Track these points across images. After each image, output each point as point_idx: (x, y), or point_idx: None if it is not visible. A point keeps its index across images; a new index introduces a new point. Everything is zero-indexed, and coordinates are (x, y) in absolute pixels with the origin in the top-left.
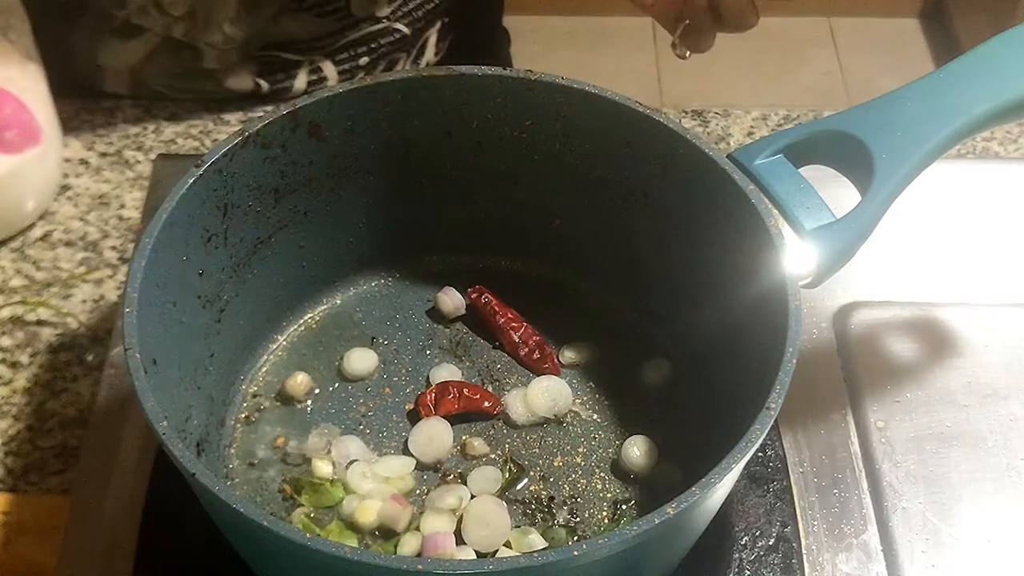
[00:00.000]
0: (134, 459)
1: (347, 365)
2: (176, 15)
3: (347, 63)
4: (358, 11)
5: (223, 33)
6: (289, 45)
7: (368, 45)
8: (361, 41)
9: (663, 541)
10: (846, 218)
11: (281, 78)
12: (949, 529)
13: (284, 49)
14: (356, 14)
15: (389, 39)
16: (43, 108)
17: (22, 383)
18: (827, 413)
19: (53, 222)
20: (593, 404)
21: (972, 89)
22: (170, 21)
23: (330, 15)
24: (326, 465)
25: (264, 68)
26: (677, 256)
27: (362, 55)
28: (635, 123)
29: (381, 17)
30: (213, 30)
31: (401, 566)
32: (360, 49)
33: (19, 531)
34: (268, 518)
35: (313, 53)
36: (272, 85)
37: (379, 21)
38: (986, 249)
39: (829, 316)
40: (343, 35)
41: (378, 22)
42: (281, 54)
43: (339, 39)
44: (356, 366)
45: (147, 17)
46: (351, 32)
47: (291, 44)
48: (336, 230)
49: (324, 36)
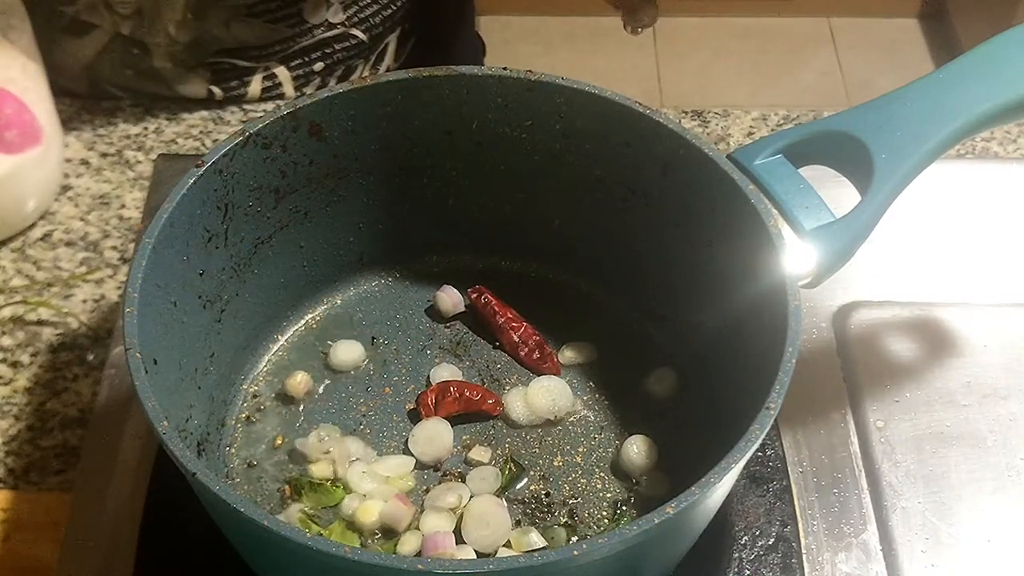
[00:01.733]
0: (134, 459)
1: (333, 357)
2: (124, 13)
3: (301, 68)
4: (310, 17)
5: (167, 35)
6: (241, 52)
7: (323, 51)
8: (315, 47)
9: (663, 541)
10: (846, 218)
11: (235, 85)
12: (949, 529)
13: (237, 56)
14: (309, 20)
15: (345, 44)
16: (44, 108)
17: (23, 383)
18: (827, 413)
19: (54, 222)
20: (593, 404)
21: (972, 89)
22: (118, 19)
23: (281, 21)
24: (325, 465)
25: (217, 75)
26: (676, 256)
27: (316, 61)
28: (635, 123)
29: (335, 23)
30: (158, 30)
31: (401, 566)
32: (314, 55)
33: (18, 528)
34: (268, 517)
35: (266, 59)
36: (226, 92)
37: (334, 27)
38: (986, 249)
39: (829, 316)
40: (296, 41)
41: (333, 28)
42: (234, 61)
43: (292, 45)
44: (343, 357)
45: (96, 14)
46: (304, 38)
47: (243, 51)
48: (336, 230)
49: (276, 42)
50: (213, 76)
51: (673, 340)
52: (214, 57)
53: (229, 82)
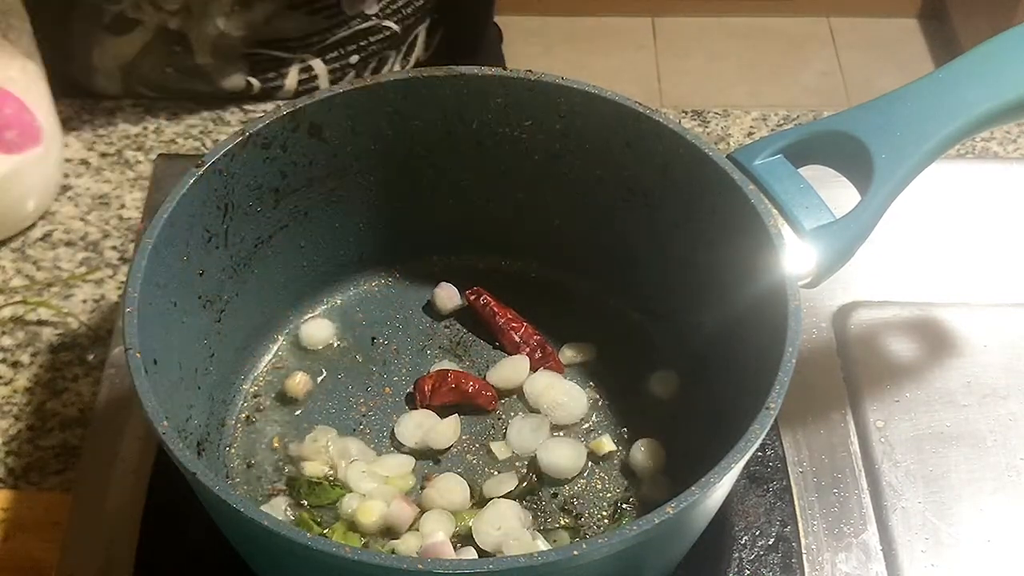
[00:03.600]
0: (134, 459)
1: (303, 336)
2: (171, 9)
3: (337, 61)
4: (348, 8)
5: (217, 28)
6: (279, 43)
7: (358, 43)
8: (351, 39)
9: (663, 541)
10: (846, 218)
11: (272, 76)
12: (949, 529)
13: (274, 47)
14: (346, 11)
15: (379, 37)
16: (44, 108)
17: (23, 383)
18: (827, 413)
19: (54, 222)
20: (592, 403)
21: (972, 89)
22: (165, 15)
23: (320, 12)
24: (319, 464)
25: (255, 66)
26: (676, 256)
27: (352, 53)
28: (635, 123)
29: (370, 15)
30: (207, 23)
31: (401, 566)
32: (350, 47)
33: (18, 527)
34: (268, 517)
35: (303, 51)
36: (263, 84)
37: (368, 19)
38: (986, 249)
39: (829, 316)
40: (333, 33)
41: (368, 19)
42: (272, 52)
43: (328, 37)
44: (314, 335)
45: (141, 11)
46: (341, 30)
47: (281, 42)
48: (336, 230)
49: (314, 34)
50: (251, 68)
51: (673, 340)
52: (252, 49)
53: (267, 73)
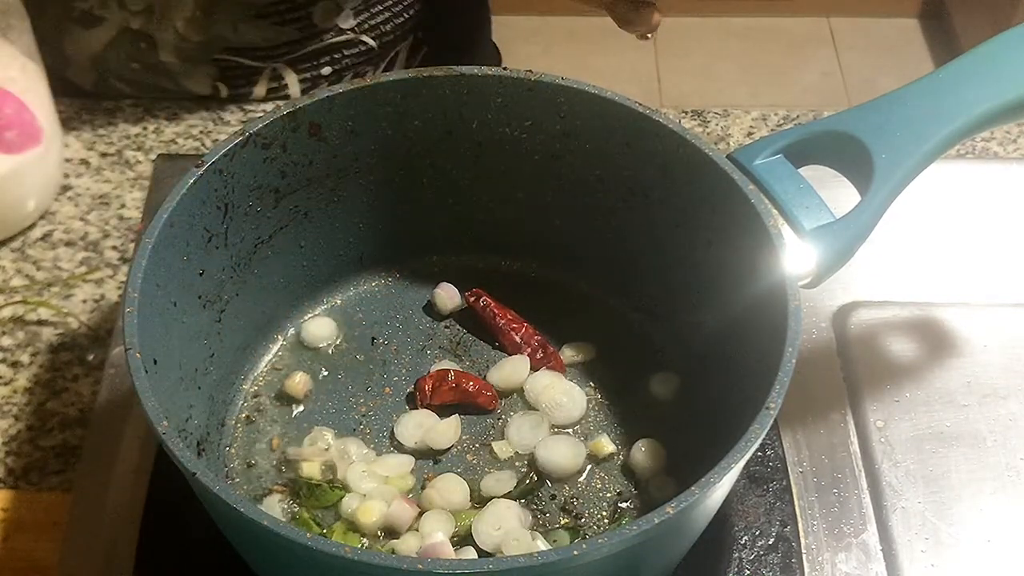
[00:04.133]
0: (134, 459)
1: (305, 334)
2: (134, 9)
3: (309, 72)
4: (320, 21)
5: (176, 32)
6: (248, 51)
7: (332, 56)
8: (324, 51)
9: (663, 541)
10: (846, 218)
11: (241, 83)
12: (949, 529)
13: (244, 55)
14: (318, 24)
15: (354, 51)
16: (44, 108)
17: (23, 383)
18: (827, 413)
19: (54, 222)
20: (592, 403)
21: (972, 89)
22: (128, 14)
23: (290, 23)
24: (315, 465)
25: (224, 72)
26: (676, 256)
27: (324, 65)
28: (635, 123)
29: (346, 28)
30: (167, 26)
31: (401, 566)
32: (323, 59)
33: (18, 528)
34: (268, 517)
35: (273, 60)
36: (231, 91)
37: (343, 33)
38: (986, 249)
39: (829, 316)
40: (304, 44)
41: (342, 33)
42: (241, 60)
43: (299, 48)
44: (316, 333)
45: (107, 8)
46: (312, 42)
47: (250, 50)
48: (336, 230)
49: (284, 44)
50: (220, 73)
51: (673, 340)
52: (221, 54)
53: (235, 80)
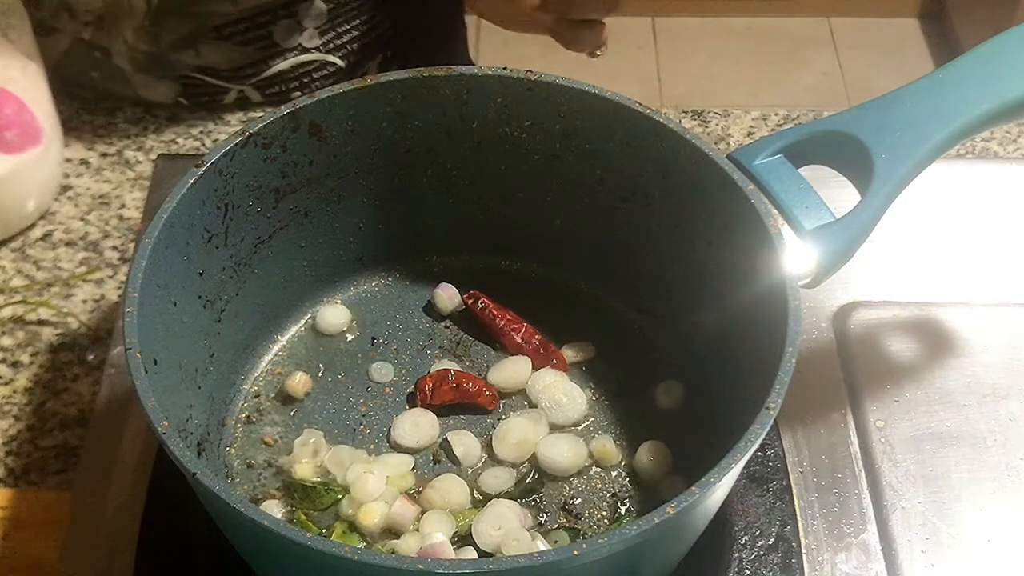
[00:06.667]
0: (134, 459)
1: (320, 320)
2: (85, 20)
3: (275, 91)
4: (282, 41)
5: (126, 42)
6: (212, 72)
7: (298, 76)
8: (289, 72)
9: (663, 541)
10: (846, 218)
11: (205, 101)
12: (948, 529)
13: (208, 74)
14: (280, 44)
15: (323, 72)
16: (44, 108)
17: (23, 383)
18: (827, 413)
19: (54, 222)
20: (592, 403)
21: (972, 89)
22: (79, 25)
23: (251, 43)
24: (308, 467)
25: (188, 90)
26: (677, 256)
27: (294, 89)
28: (635, 123)
29: (310, 48)
30: (116, 36)
31: (401, 566)
32: (290, 80)
33: (18, 526)
34: (268, 517)
35: (239, 81)
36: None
37: (308, 51)
38: (986, 249)
39: (829, 316)
40: (268, 65)
41: (307, 52)
42: (206, 79)
43: (264, 69)
44: (329, 320)
45: (59, 19)
46: (276, 62)
47: (214, 71)
48: (336, 230)
49: (247, 65)
50: (184, 90)
51: (673, 340)
52: (186, 72)
53: (200, 98)
